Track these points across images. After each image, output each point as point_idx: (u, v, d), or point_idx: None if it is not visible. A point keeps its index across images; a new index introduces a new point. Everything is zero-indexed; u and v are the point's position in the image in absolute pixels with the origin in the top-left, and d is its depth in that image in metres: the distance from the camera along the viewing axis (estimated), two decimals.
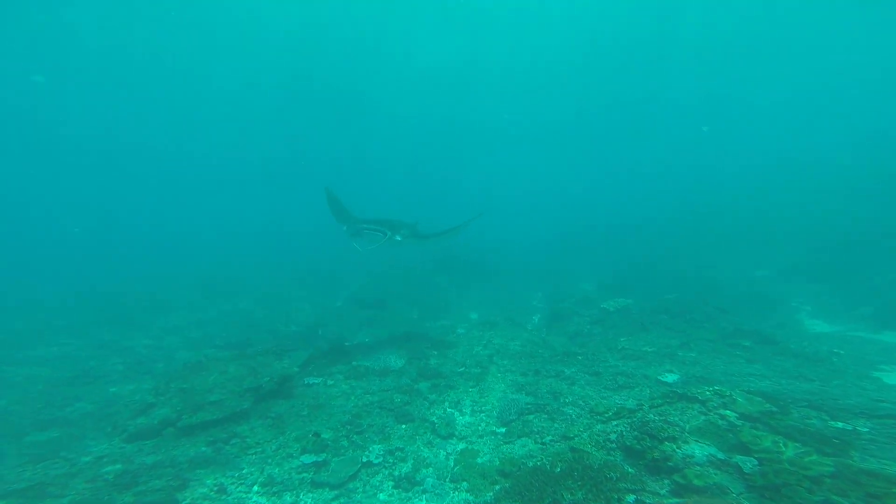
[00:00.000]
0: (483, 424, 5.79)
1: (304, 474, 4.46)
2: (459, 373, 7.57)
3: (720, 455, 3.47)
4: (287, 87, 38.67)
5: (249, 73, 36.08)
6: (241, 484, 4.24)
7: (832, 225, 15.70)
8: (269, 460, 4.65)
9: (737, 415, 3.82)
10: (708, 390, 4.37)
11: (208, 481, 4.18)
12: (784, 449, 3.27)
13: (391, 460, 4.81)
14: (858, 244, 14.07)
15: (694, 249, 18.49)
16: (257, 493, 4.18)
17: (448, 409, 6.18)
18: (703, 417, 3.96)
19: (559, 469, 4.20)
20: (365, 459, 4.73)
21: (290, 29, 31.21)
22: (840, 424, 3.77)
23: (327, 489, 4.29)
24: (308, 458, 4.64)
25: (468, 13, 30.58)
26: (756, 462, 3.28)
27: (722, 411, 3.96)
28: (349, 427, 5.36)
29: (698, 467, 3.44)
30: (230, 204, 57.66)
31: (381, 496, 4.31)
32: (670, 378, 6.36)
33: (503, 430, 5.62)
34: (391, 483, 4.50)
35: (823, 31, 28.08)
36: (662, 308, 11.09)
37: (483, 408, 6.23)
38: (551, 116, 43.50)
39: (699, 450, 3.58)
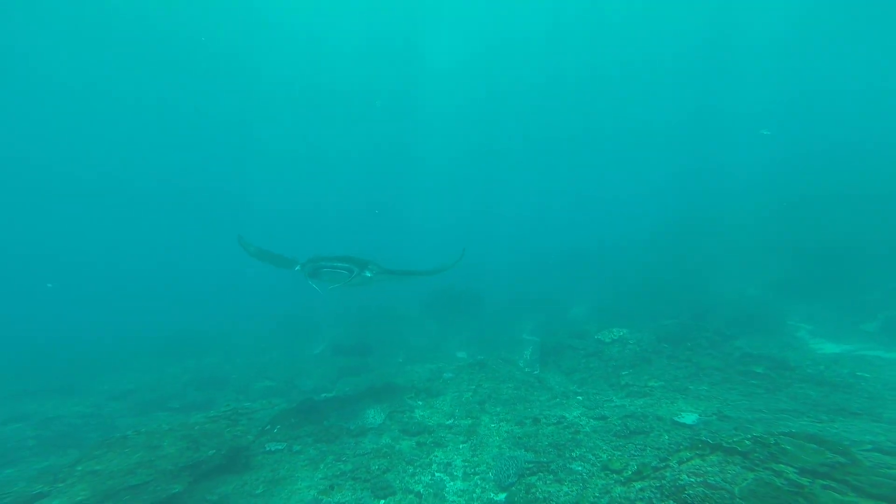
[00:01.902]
0: (478, 490, 4.85)
1: None
2: (448, 426, 6.62)
3: None
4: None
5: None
6: None
7: (816, 237, 15.60)
8: None
9: (795, 470, 3.04)
10: (746, 438, 3.59)
11: None
12: None
13: None
14: (845, 256, 13.89)
15: (682, 269, 18.16)
16: None
17: (436, 474, 5.21)
18: (751, 475, 3.16)
19: None
20: None
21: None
22: None
23: None
24: None
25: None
26: None
27: (773, 465, 3.17)
28: None
29: None
30: (193, 251, 55.41)
31: None
32: (688, 419, 5.56)
33: (502, 497, 4.69)
34: None
35: (802, 43, 29.13)
36: (661, 336, 10.41)
37: (477, 468, 5.29)
38: (540, 136, 43.42)
39: None
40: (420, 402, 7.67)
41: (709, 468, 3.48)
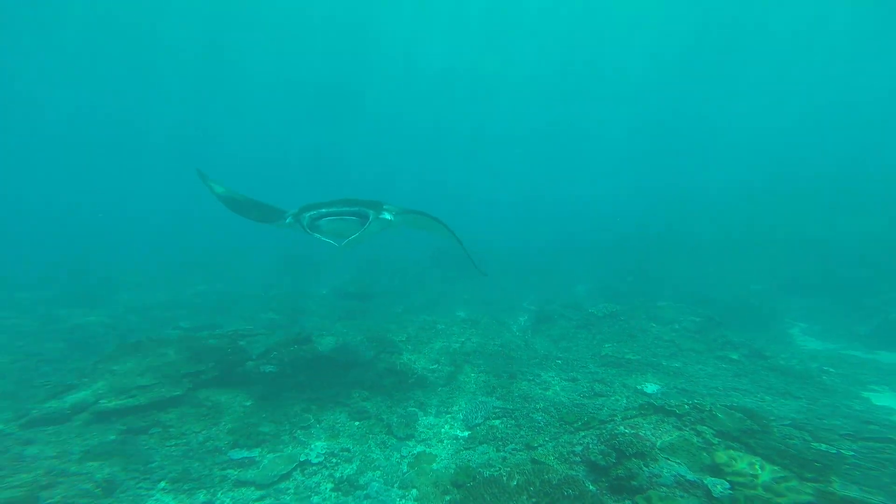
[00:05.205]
0: (447, 427, 5.36)
1: (229, 471, 4.01)
2: (431, 370, 7.15)
3: (690, 476, 3.04)
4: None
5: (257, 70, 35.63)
6: (145, 479, 3.76)
7: (830, 242, 15.30)
8: (192, 454, 4.19)
9: (714, 431, 3.39)
10: (686, 404, 3.95)
11: (98, 476, 3.66)
12: (760, 472, 2.86)
13: (334, 461, 4.37)
14: (858, 261, 13.67)
15: (689, 261, 18.10)
16: (163, 489, 3.70)
17: (410, 409, 5.74)
18: (677, 433, 3.53)
19: (515, 482, 3.77)
20: (303, 458, 4.29)
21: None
22: (823, 446, 3.36)
23: (253, 488, 3.84)
24: (237, 454, 4.19)
25: (474, 17, 30.71)
26: (728, 486, 2.87)
27: (698, 427, 3.53)
28: (294, 421, 4.93)
29: (664, 489, 3.02)
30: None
31: (315, 499, 3.87)
32: (650, 388, 5.94)
33: (466, 434, 5.19)
34: (330, 485, 4.06)
35: (811, 48, 28.23)
36: (652, 316, 10.69)
37: (450, 409, 5.81)
38: (554, 123, 43.75)
39: (668, 469, 3.15)
40: (409, 347, 8.20)
41: (645, 424, 3.87)
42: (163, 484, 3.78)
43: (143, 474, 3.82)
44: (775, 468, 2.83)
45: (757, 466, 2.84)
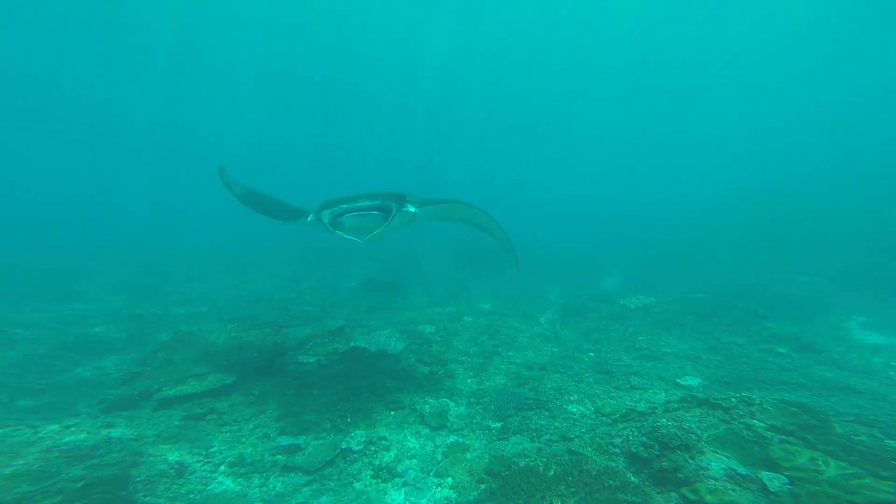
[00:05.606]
0: (478, 417, 5.36)
1: (278, 457, 4.19)
2: (461, 361, 7.18)
3: (741, 469, 2.92)
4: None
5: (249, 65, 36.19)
6: (207, 462, 4.01)
7: (885, 234, 14.28)
8: (244, 439, 4.42)
9: (766, 426, 3.24)
10: (733, 396, 3.79)
11: (170, 458, 3.95)
12: (824, 468, 2.70)
13: (373, 449, 4.47)
14: None
15: (730, 252, 17.36)
16: (223, 473, 3.92)
17: (442, 399, 5.78)
18: (724, 426, 3.39)
19: (553, 472, 3.74)
20: (344, 446, 4.40)
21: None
22: None
23: (300, 474, 3.99)
24: (284, 441, 4.36)
25: (493, 9, 30.22)
26: (786, 480, 2.73)
27: (748, 420, 3.39)
28: (334, 410, 5.05)
29: (713, 481, 2.91)
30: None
31: (357, 485, 3.97)
32: (691, 382, 5.73)
33: (499, 425, 5.18)
34: (370, 472, 4.16)
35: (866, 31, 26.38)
36: (689, 308, 10.32)
37: (481, 400, 5.81)
38: (582, 115, 42.92)
39: (716, 462, 3.04)
40: (438, 339, 8.25)
41: (689, 417, 3.75)
42: (223, 468, 4.02)
43: (206, 458, 4.08)
44: (842, 464, 2.67)
45: (820, 462, 2.69)
